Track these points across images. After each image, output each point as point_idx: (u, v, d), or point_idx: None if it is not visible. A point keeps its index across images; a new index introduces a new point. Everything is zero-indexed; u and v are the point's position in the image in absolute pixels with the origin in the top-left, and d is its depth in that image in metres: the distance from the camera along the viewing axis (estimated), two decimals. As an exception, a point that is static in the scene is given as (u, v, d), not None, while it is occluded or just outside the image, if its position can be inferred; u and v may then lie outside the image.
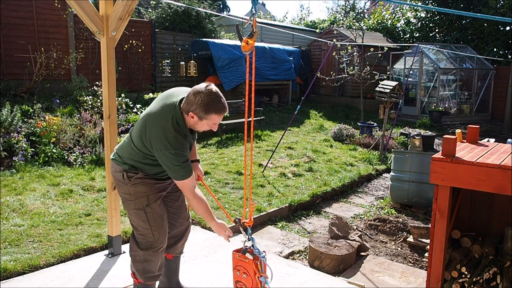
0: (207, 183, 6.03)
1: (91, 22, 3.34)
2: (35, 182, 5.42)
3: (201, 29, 12.74)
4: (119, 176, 2.51)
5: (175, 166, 2.31)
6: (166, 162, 2.32)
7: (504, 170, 2.47)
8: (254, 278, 2.37)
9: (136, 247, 2.59)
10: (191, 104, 2.27)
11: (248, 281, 2.40)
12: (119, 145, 2.63)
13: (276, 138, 9.07)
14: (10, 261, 3.43)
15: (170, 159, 2.30)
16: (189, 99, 2.29)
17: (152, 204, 2.51)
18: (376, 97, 8.23)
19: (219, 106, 2.29)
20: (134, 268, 2.62)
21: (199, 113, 2.27)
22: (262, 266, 2.40)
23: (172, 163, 2.31)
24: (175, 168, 2.32)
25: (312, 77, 11.90)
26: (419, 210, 5.66)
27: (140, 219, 2.51)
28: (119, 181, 2.52)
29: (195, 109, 2.27)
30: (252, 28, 2.31)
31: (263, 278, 2.37)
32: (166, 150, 2.28)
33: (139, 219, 2.52)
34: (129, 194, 2.51)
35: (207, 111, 2.27)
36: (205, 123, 2.33)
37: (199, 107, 2.26)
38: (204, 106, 2.25)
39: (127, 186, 2.49)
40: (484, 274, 2.95)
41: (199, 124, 2.35)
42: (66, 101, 8.18)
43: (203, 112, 2.27)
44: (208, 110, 2.27)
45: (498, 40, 14.71)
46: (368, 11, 22.71)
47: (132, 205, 2.51)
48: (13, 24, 8.51)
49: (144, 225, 2.52)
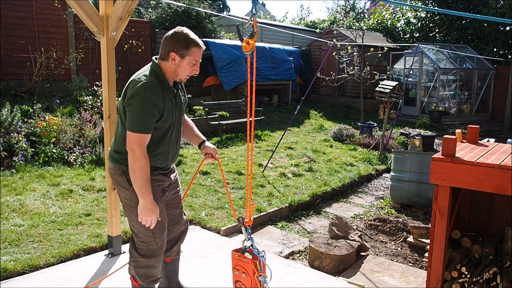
0: (207, 183, 6.03)
1: (91, 22, 3.34)
2: (35, 182, 5.42)
3: (201, 29, 12.74)
4: (120, 180, 2.39)
5: (138, 112, 2.18)
6: (131, 107, 2.20)
7: (504, 170, 2.47)
8: (253, 277, 2.37)
9: (136, 254, 2.49)
10: (170, 45, 2.28)
11: (247, 280, 2.40)
12: (112, 141, 2.50)
13: (276, 138, 9.08)
14: (10, 261, 3.43)
15: (136, 103, 2.18)
16: (165, 45, 2.30)
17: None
18: (376, 97, 8.23)
19: (196, 39, 2.31)
20: (134, 273, 2.53)
21: (179, 50, 2.27)
22: (261, 266, 2.39)
23: (137, 107, 2.18)
24: (138, 115, 2.19)
25: (312, 77, 11.90)
26: (419, 210, 5.65)
27: (143, 227, 2.38)
28: (120, 186, 2.41)
29: (174, 47, 2.26)
30: (253, 28, 2.31)
31: (262, 277, 2.37)
32: (136, 91, 2.19)
33: (141, 227, 2.39)
34: (130, 200, 2.38)
35: (187, 45, 2.27)
36: (187, 61, 2.30)
37: (178, 44, 2.26)
38: (183, 40, 2.26)
39: (129, 192, 2.36)
40: (484, 274, 2.95)
41: (181, 66, 2.30)
42: (66, 101, 8.18)
43: (184, 48, 2.27)
44: (188, 44, 2.27)
45: (498, 40, 14.71)
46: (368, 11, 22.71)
47: (135, 212, 2.37)
48: (13, 24, 8.51)
49: (147, 232, 2.41)
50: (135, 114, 2.20)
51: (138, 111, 2.19)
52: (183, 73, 2.35)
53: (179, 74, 2.35)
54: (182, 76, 2.36)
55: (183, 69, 2.33)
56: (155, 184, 2.42)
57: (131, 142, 2.23)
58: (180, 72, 2.34)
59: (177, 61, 2.30)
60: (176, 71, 2.34)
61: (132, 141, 2.22)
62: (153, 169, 2.39)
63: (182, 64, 2.31)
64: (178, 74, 2.35)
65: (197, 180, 6.16)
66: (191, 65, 2.34)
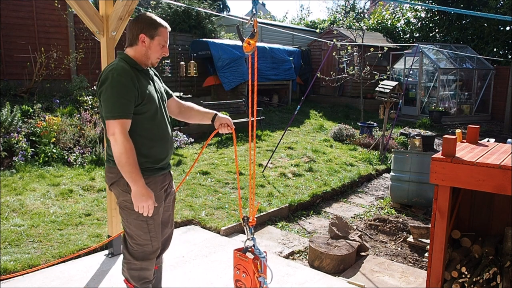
0: (207, 183, 6.03)
1: (91, 22, 3.34)
2: (35, 182, 5.43)
3: (201, 29, 12.75)
4: (123, 183, 2.29)
5: (113, 98, 2.14)
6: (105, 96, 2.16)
7: (504, 170, 2.47)
8: (253, 278, 2.37)
9: (130, 257, 2.44)
10: (137, 28, 2.29)
11: (247, 280, 2.40)
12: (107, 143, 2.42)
13: (276, 138, 9.08)
14: (10, 261, 3.43)
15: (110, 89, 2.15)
16: (132, 29, 2.31)
17: (155, 216, 2.37)
18: (376, 97, 8.23)
19: (161, 20, 2.34)
20: (128, 275, 2.49)
21: (148, 31, 2.29)
22: (262, 267, 2.39)
23: (111, 93, 2.15)
24: (112, 101, 2.14)
25: (312, 77, 11.90)
26: (419, 210, 5.66)
27: (141, 230, 2.35)
28: (122, 190, 2.32)
29: (142, 29, 2.28)
30: (253, 28, 2.31)
31: (262, 278, 2.37)
32: (108, 80, 2.16)
33: (139, 230, 2.36)
34: (131, 203, 2.29)
35: (155, 25, 2.30)
36: (157, 42, 2.31)
37: (146, 26, 2.29)
38: (150, 22, 2.30)
39: (129, 195, 2.27)
40: (484, 274, 2.95)
41: (151, 47, 2.31)
42: (66, 101, 8.18)
43: (152, 29, 2.29)
44: (155, 25, 2.30)
45: (498, 40, 14.71)
46: (368, 11, 22.70)
47: (134, 215, 2.32)
48: (13, 24, 8.51)
49: (144, 236, 2.38)
50: (109, 100, 2.16)
51: (111, 96, 2.16)
52: (154, 55, 2.35)
53: (150, 57, 2.35)
54: (153, 59, 2.36)
55: (154, 50, 2.33)
56: (159, 187, 2.39)
57: (110, 129, 2.16)
58: (151, 54, 2.34)
59: (147, 43, 2.31)
60: (147, 54, 2.34)
61: (112, 129, 2.16)
62: (155, 170, 2.35)
63: (152, 46, 2.32)
64: (149, 57, 2.35)
65: (197, 180, 6.16)
66: (160, 46, 2.35)
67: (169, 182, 2.53)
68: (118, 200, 2.40)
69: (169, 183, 2.55)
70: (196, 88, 11.84)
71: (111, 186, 2.40)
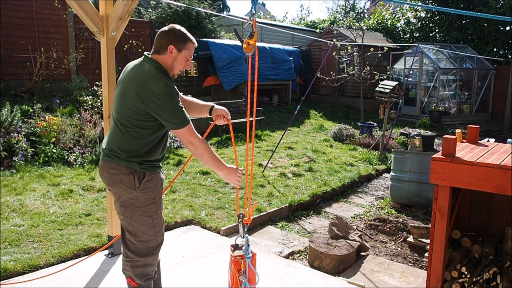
0: (207, 183, 6.03)
1: (91, 22, 3.34)
2: (35, 182, 5.43)
3: (201, 29, 12.74)
4: (128, 179, 2.31)
5: (175, 108, 2.23)
6: (164, 107, 2.21)
7: (504, 170, 2.47)
8: (235, 276, 2.36)
9: (133, 255, 2.45)
10: (168, 39, 2.34)
11: (231, 276, 2.40)
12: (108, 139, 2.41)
13: (276, 138, 9.08)
14: (10, 261, 3.43)
15: (168, 100, 2.21)
16: (162, 38, 2.35)
17: (159, 210, 2.43)
18: (376, 97, 8.23)
19: (191, 36, 2.41)
20: (131, 273, 2.48)
21: (178, 43, 2.34)
22: (246, 267, 2.35)
23: (172, 104, 2.22)
24: (177, 111, 2.23)
25: (312, 77, 11.90)
26: (419, 210, 5.66)
27: (147, 226, 2.38)
28: (127, 186, 2.32)
29: (173, 40, 2.33)
30: (252, 28, 2.31)
31: (241, 278, 2.33)
32: (161, 90, 2.21)
33: (144, 226, 2.38)
34: (136, 200, 2.33)
35: (185, 39, 2.36)
36: (183, 55, 2.37)
37: (176, 38, 2.34)
38: (181, 35, 2.36)
39: (136, 192, 2.31)
40: (484, 274, 2.95)
41: (177, 59, 2.36)
42: (66, 101, 8.18)
43: (182, 42, 2.35)
44: (185, 38, 2.36)
45: (498, 40, 14.71)
46: (368, 11, 22.71)
47: (140, 212, 2.35)
48: (13, 24, 8.51)
49: (149, 231, 2.40)
50: (171, 110, 2.23)
51: (172, 106, 2.23)
52: (178, 67, 2.39)
53: (174, 68, 2.39)
54: (176, 71, 2.41)
55: (179, 63, 2.38)
56: (159, 183, 2.44)
57: (185, 137, 2.29)
58: (175, 65, 2.38)
59: (174, 54, 2.35)
60: (172, 65, 2.38)
61: (186, 136, 2.29)
62: (157, 167, 2.43)
63: (178, 58, 2.37)
64: (173, 68, 2.39)
65: (197, 180, 6.16)
66: (185, 60, 2.40)
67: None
68: (121, 199, 2.37)
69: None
70: (196, 88, 11.83)
71: (112, 185, 2.38)
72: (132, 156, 2.32)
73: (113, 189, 2.38)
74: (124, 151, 2.33)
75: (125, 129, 2.32)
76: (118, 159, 2.33)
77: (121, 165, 2.32)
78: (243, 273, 2.34)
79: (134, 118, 2.28)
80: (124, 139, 2.34)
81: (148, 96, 2.21)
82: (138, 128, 2.30)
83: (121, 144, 2.34)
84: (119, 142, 2.35)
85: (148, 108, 2.23)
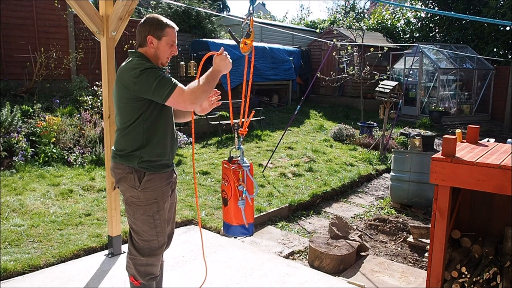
0: (207, 183, 6.03)
1: (91, 22, 3.34)
2: (35, 182, 5.43)
3: (201, 29, 12.74)
4: (130, 178, 2.36)
5: (156, 79, 2.21)
6: (145, 82, 2.21)
7: (504, 170, 2.47)
8: (233, 186, 2.39)
9: (136, 252, 2.47)
10: (145, 30, 2.35)
11: (228, 189, 2.42)
12: (115, 141, 2.48)
13: (276, 138, 9.08)
14: (10, 261, 3.43)
15: (147, 75, 2.21)
16: (140, 31, 2.38)
17: (161, 211, 2.42)
18: (376, 97, 8.23)
19: (167, 20, 2.39)
20: (135, 272, 2.50)
21: (155, 32, 2.34)
22: (244, 177, 2.40)
23: (151, 76, 2.22)
24: (160, 81, 2.21)
25: (312, 77, 11.90)
26: (419, 210, 5.65)
27: (148, 225, 2.40)
28: (129, 185, 2.37)
29: (149, 30, 2.34)
30: (249, 28, 2.32)
31: (241, 187, 2.38)
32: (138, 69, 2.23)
33: (145, 225, 2.40)
34: (138, 199, 2.37)
35: (161, 26, 2.35)
36: (164, 43, 2.37)
37: (152, 27, 2.35)
38: (157, 23, 2.35)
39: (137, 191, 2.35)
40: (484, 274, 2.95)
41: (160, 48, 2.37)
42: (66, 101, 8.18)
43: (159, 30, 2.35)
44: (162, 25, 2.36)
45: (498, 40, 14.71)
46: (368, 11, 22.70)
47: (141, 211, 2.38)
48: (13, 24, 8.51)
49: (151, 231, 2.42)
50: (155, 81, 2.21)
51: (155, 78, 2.22)
52: (163, 55, 2.40)
53: (159, 57, 2.40)
54: (163, 59, 2.42)
55: (162, 51, 2.39)
56: (164, 183, 2.43)
57: (180, 103, 2.26)
58: (160, 54, 2.39)
59: (155, 44, 2.37)
60: (156, 55, 2.39)
61: (181, 103, 2.26)
62: (160, 166, 2.41)
63: (160, 46, 2.38)
64: (159, 58, 2.40)
65: (197, 180, 6.16)
66: (168, 46, 2.40)
67: (174, 179, 2.58)
68: (124, 196, 2.44)
69: (174, 181, 2.60)
70: (196, 88, 11.81)
71: (118, 183, 2.45)
72: (132, 151, 2.35)
73: (120, 186, 2.46)
74: (125, 148, 2.39)
75: (123, 125, 2.37)
76: (121, 158, 2.39)
77: (123, 164, 2.38)
78: (241, 182, 2.39)
79: (128, 109, 2.33)
80: (123, 134, 2.39)
81: (129, 80, 2.25)
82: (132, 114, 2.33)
83: (119, 144, 2.41)
84: (120, 140, 2.41)
85: (134, 92, 2.26)
